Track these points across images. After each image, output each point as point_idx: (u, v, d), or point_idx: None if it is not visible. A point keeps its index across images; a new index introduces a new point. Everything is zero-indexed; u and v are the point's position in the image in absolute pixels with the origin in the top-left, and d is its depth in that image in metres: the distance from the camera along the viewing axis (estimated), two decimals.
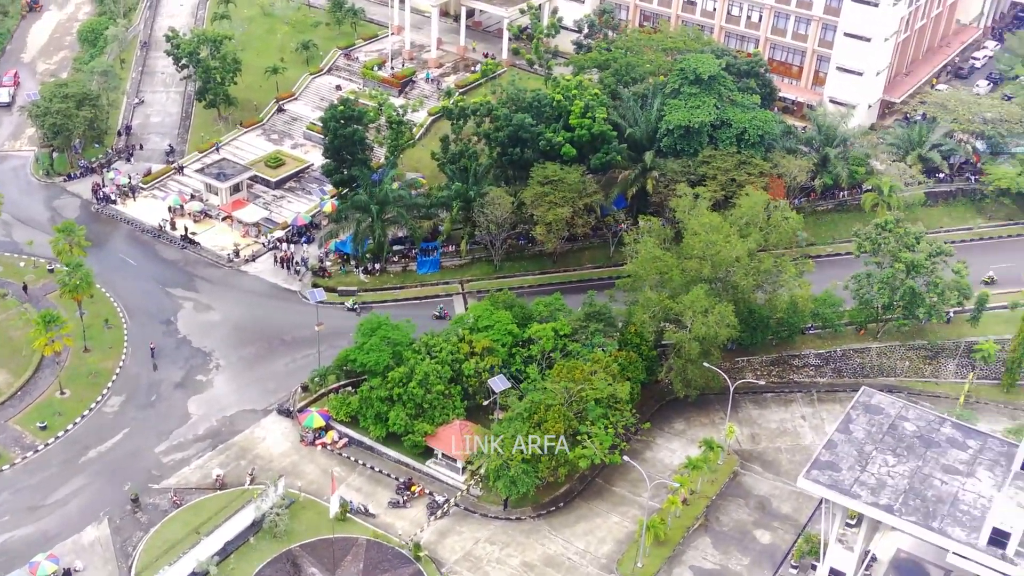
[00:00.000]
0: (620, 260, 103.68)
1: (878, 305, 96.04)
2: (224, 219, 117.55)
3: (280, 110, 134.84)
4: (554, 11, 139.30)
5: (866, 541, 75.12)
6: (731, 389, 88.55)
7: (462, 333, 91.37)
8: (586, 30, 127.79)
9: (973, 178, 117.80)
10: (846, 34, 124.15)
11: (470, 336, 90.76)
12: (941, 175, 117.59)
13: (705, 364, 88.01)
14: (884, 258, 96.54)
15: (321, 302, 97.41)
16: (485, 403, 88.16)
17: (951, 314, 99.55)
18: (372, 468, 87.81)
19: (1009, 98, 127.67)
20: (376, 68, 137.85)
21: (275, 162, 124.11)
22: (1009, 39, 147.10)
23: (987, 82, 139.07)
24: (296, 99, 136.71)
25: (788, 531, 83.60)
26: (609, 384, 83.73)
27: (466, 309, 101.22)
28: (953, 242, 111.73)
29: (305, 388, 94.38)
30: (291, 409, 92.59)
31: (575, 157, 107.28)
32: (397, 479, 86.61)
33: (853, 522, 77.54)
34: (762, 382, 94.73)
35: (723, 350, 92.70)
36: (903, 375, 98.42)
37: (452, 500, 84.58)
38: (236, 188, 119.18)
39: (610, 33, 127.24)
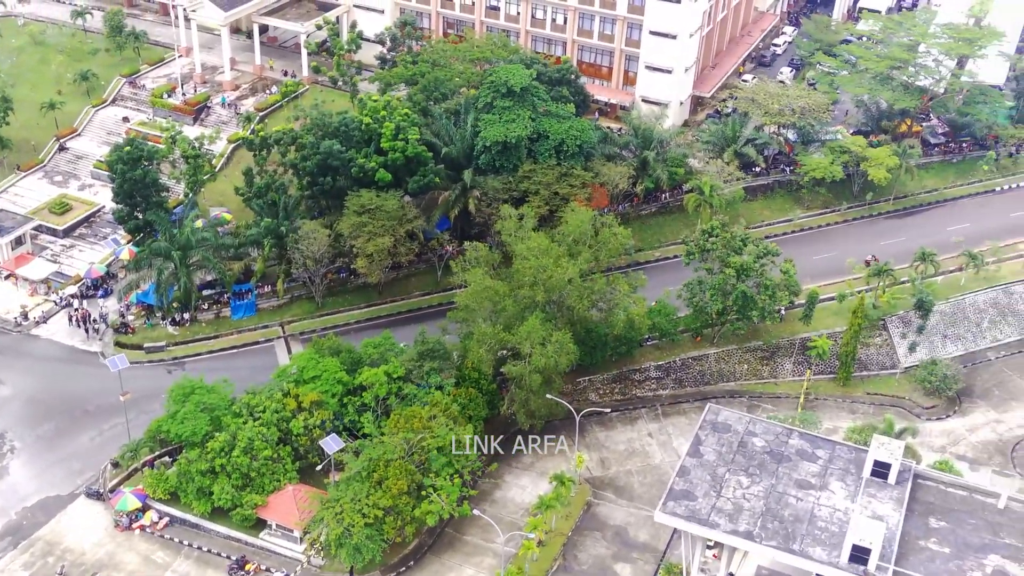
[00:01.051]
0: (449, 285, 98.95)
1: (712, 311, 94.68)
2: (7, 278, 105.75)
3: (62, 148, 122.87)
4: (353, 24, 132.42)
5: (728, 566, 73.18)
6: (577, 419, 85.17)
7: (287, 387, 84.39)
8: (388, 43, 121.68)
9: (788, 169, 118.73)
10: (652, 32, 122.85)
11: (296, 390, 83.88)
12: (757, 169, 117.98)
13: (548, 396, 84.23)
14: (714, 264, 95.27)
15: (124, 368, 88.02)
16: (319, 467, 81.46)
17: (783, 312, 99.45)
18: (200, 548, 79.84)
19: (813, 84, 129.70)
20: (166, 95, 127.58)
21: (61, 208, 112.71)
22: (805, 24, 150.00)
23: (790, 68, 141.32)
24: (79, 135, 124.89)
25: (648, 561, 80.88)
26: (451, 429, 78.71)
27: (289, 357, 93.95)
28: (776, 235, 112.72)
29: (116, 465, 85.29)
30: (101, 491, 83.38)
31: (391, 182, 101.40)
32: (229, 557, 79.05)
33: (712, 544, 75.69)
34: (608, 410, 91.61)
35: (564, 373, 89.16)
36: (743, 378, 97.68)
37: (292, 575, 77.68)
38: (18, 242, 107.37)
39: (414, 45, 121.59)
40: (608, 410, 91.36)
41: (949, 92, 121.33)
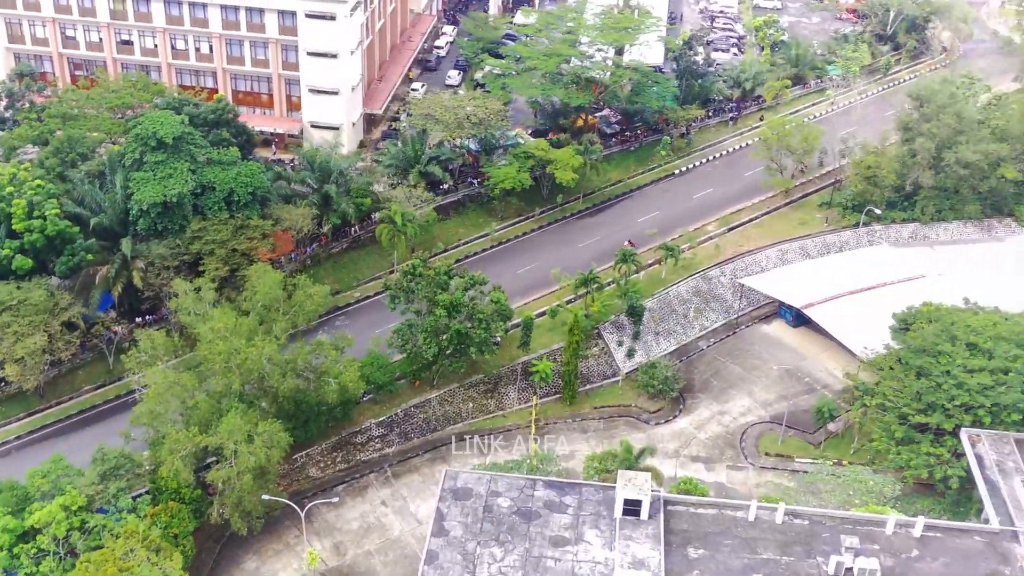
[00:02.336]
0: (123, 373, 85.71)
1: (428, 356, 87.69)
2: None
3: None
4: None
5: None
6: (302, 514, 75.49)
7: None
8: (5, 100, 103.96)
9: (476, 182, 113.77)
10: (310, 53, 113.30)
11: None
12: (445, 186, 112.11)
13: (265, 496, 73.93)
14: (421, 304, 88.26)
15: None
16: None
17: (498, 338, 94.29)
18: None
19: (482, 86, 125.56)
20: None
21: None
22: (464, 22, 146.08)
23: (457, 71, 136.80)
24: None
25: None
26: (154, 564, 66.60)
27: None
28: (475, 253, 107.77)
29: None
30: None
31: (33, 268, 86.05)
32: None
33: None
34: (335, 499, 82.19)
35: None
36: (470, 417, 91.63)
37: None
38: None
39: (36, 98, 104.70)
40: (335, 499, 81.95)
41: (615, 81, 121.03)
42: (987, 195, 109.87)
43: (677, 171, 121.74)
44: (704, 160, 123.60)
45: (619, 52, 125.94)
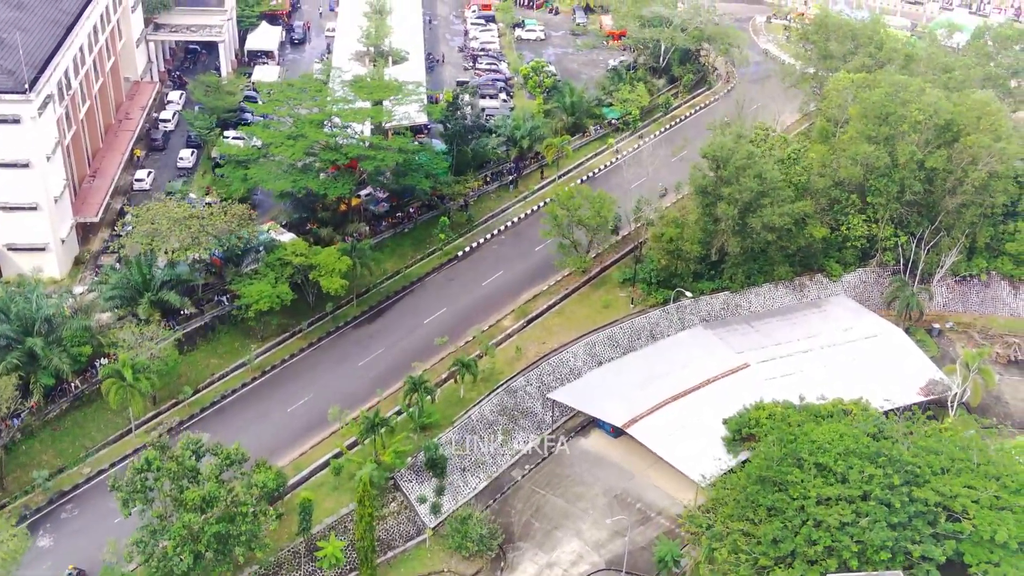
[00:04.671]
0: None
1: (181, 570, 68.68)
2: None
3: None
4: None
5: None
6: None
7: None
8: None
9: (225, 299, 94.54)
10: None
11: None
12: (187, 312, 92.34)
13: None
14: (166, 505, 69.25)
15: None
16: None
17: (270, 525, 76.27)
18: None
19: (218, 165, 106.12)
20: None
21: None
22: (193, 87, 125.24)
23: (189, 149, 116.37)
24: None
25: None
26: None
27: None
28: (235, 391, 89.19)
29: None
30: None
31: None
32: None
33: None
34: None
35: None
36: None
37: None
38: None
39: None
40: None
41: (375, 166, 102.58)
42: (796, 254, 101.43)
43: (461, 252, 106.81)
44: (489, 235, 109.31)
45: (378, 128, 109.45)
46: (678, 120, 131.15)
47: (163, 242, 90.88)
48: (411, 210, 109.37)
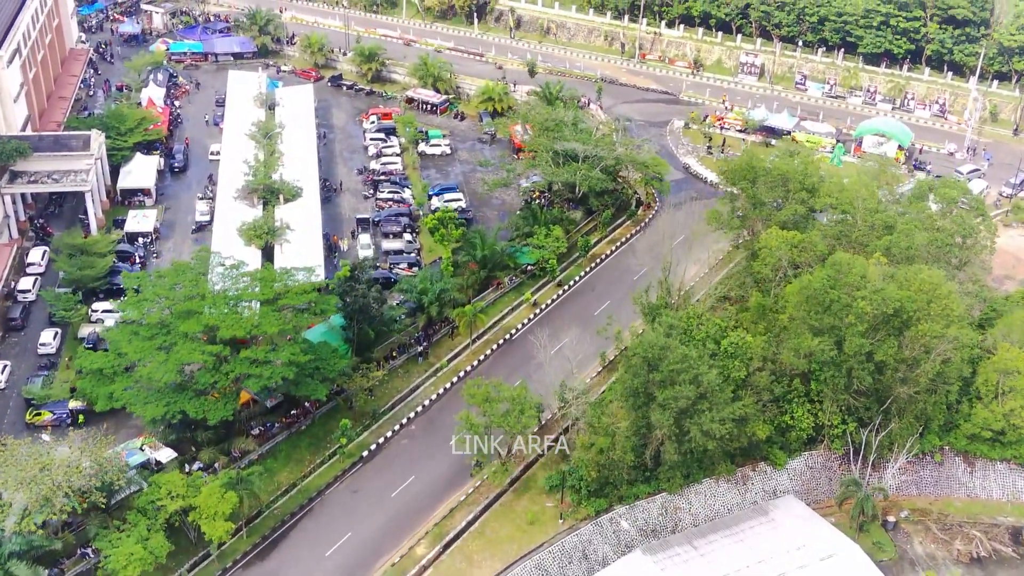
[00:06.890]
0: None
1: None
2: None
3: None
4: None
5: None
6: None
7: None
8: None
9: (90, 551, 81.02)
10: None
11: None
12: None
13: None
14: None
15: None
16: None
17: None
18: None
19: (94, 346, 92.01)
20: None
21: None
22: (55, 246, 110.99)
23: (52, 330, 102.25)
24: None
25: None
26: None
27: None
28: None
29: None
30: None
31: None
32: None
33: None
34: None
35: None
36: None
37: None
38: None
39: None
40: None
41: (263, 385, 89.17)
42: (736, 450, 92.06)
43: (366, 451, 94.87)
44: (398, 426, 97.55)
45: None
46: (599, 260, 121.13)
47: (12, 496, 77.13)
48: (306, 404, 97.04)
